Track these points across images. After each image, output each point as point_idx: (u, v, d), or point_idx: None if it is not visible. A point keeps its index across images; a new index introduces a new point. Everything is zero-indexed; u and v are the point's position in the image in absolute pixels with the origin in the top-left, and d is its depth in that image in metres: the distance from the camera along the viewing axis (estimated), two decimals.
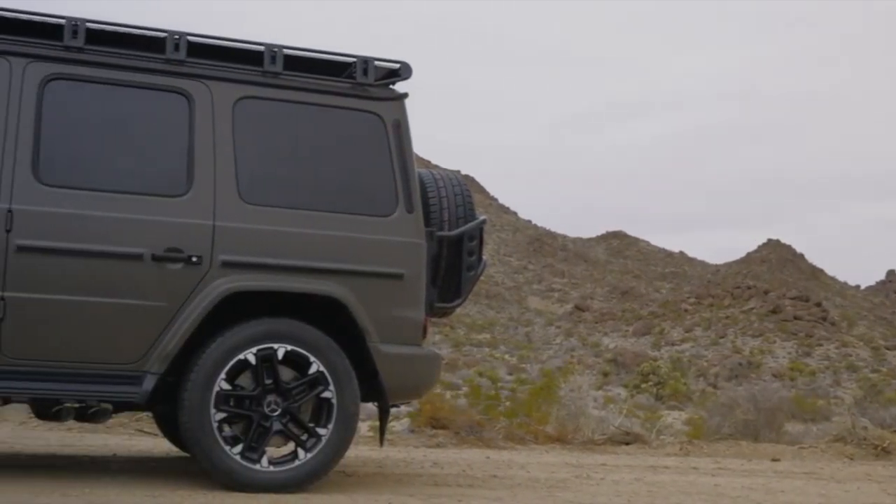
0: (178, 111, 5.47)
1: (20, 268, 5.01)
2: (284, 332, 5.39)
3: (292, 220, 5.50)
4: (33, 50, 5.27)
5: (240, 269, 5.36)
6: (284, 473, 5.35)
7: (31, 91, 5.20)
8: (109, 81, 5.41)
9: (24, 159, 5.11)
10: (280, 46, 5.65)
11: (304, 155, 5.69)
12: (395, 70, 5.87)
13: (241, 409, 5.34)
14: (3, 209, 5.01)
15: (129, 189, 5.29)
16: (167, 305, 5.23)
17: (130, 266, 5.20)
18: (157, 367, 5.19)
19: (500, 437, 10.20)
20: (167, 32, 5.48)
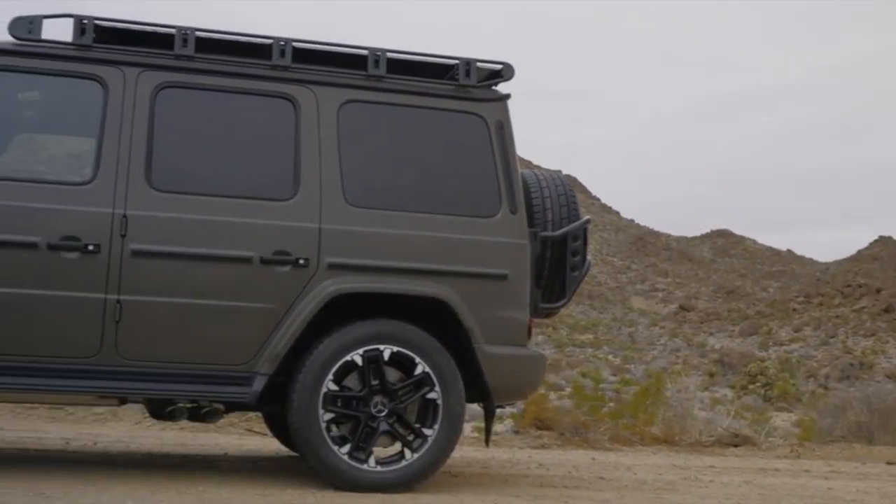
0: (284, 116, 5.57)
1: (135, 272, 5.16)
2: (390, 334, 5.44)
3: (397, 222, 5.55)
4: (145, 59, 5.42)
5: (346, 271, 5.42)
6: (392, 473, 5.40)
7: (143, 99, 5.35)
8: (218, 88, 5.53)
9: (137, 166, 5.26)
10: (383, 50, 5.70)
11: (407, 157, 5.73)
12: (497, 71, 5.88)
13: (348, 409, 5.41)
14: (118, 215, 5.17)
15: (238, 193, 5.40)
16: (276, 307, 5.32)
17: (240, 269, 5.30)
18: (267, 367, 5.29)
19: (605, 438, 10.13)
20: (273, 39, 5.58)
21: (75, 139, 6.90)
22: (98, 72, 5.34)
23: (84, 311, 5.11)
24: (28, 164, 6.68)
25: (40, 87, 5.63)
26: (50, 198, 5.17)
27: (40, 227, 5.09)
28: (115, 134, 5.28)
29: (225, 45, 5.64)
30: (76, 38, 5.36)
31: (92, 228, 5.14)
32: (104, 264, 5.13)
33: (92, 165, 5.28)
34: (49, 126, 6.52)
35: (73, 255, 5.11)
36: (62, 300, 5.10)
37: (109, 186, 5.20)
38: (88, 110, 5.41)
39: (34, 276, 5.07)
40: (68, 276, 5.10)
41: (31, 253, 5.07)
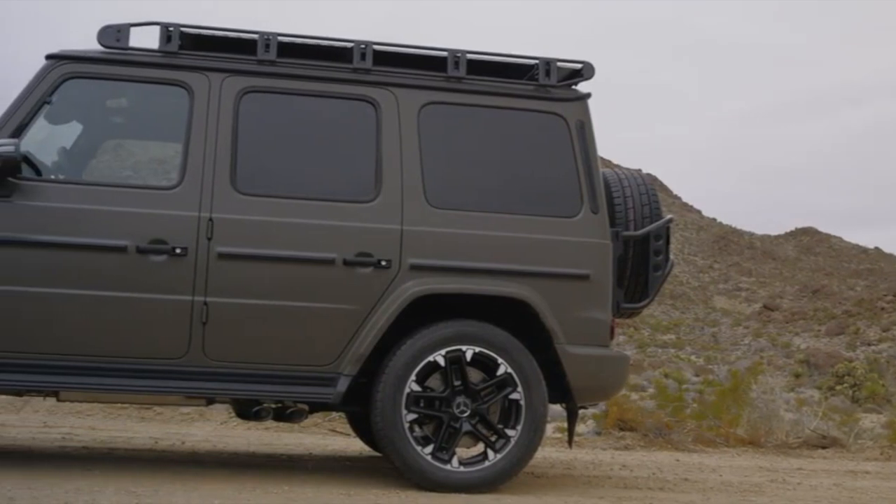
0: (365, 119, 5.61)
1: (221, 274, 5.24)
2: (472, 335, 5.44)
3: (478, 222, 5.55)
4: (229, 65, 5.51)
5: (427, 272, 5.45)
6: (475, 474, 5.41)
7: (228, 104, 5.43)
8: (300, 92, 5.60)
9: (222, 170, 5.35)
10: (463, 51, 5.72)
11: (488, 158, 5.73)
12: (577, 70, 5.85)
13: (431, 410, 5.43)
14: (204, 218, 5.26)
15: (321, 196, 5.46)
16: (358, 308, 5.36)
17: (323, 271, 5.36)
18: (350, 368, 5.33)
19: (689, 439, 10.01)
20: (354, 42, 5.62)
21: (161, 144, 7.03)
22: (184, 78, 5.44)
23: (172, 313, 5.21)
24: (116, 169, 6.82)
25: (128, 94, 5.77)
26: (138, 202, 5.28)
27: (129, 230, 5.20)
28: (201, 139, 5.37)
29: (306, 49, 5.70)
30: (162, 46, 5.46)
31: (179, 232, 5.23)
32: (191, 267, 5.22)
33: (178, 170, 5.37)
34: (136, 132, 6.69)
35: (160, 259, 5.21)
36: (151, 302, 5.20)
37: (195, 190, 5.29)
38: (174, 116, 5.52)
39: (124, 279, 5.18)
40: (156, 279, 5.21)
41: (121, 256, 5.18)
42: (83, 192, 5.32)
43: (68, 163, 5.91)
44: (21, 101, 5.27)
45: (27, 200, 5.18)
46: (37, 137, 5.46)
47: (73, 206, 5.22)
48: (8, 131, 5.20)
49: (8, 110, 5.26)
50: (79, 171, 5.96)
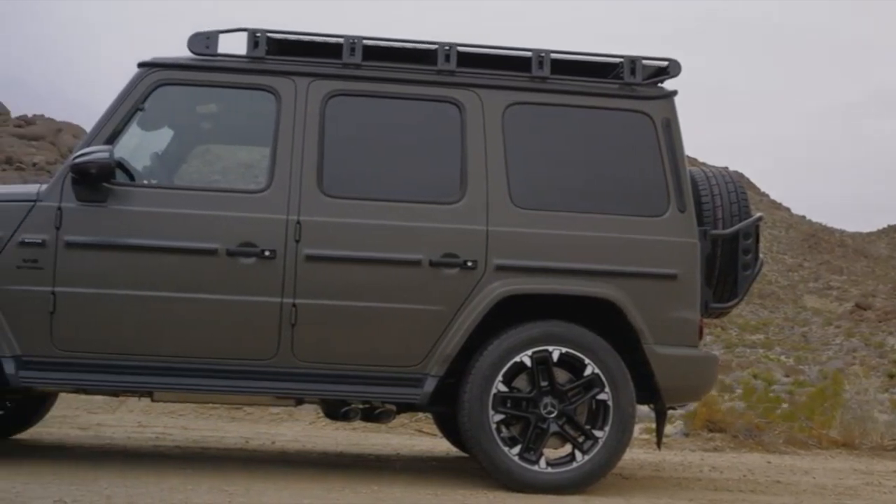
0: (450, 120, 5.62)
1: (309, 276, 5.31)
2: (559, 335, 5.43)
3: (564, 223, 5.53)
4: (315, 69, 5.57)
5: (513, 272, 5.44)
6: (562, 475, 5.39)
7: (314, 108, 5.50)
8: (385, 95, 5.64)
9: (309, 173, 5.41)
10: (547, 51, 5.70)
11: (573, 158, 5.70)
12: (663, 68, 5.80)
13: (518, 410, 5.42)
14: (292, 221, 5.33)
15: (407, 198, 5.49)
16: (445, 309, 5.38)
17: (409, 272, 5.39)
18: (437, 369, 5.35)
19: (780, 440, 9.83)
20: (438, 44, 5.64)
21: (248, 149, 7.13)
22: (271, 83, 5.52)
23: (261, 315, 5.29)
24: (205, 173, 6.95)
25: (217, 100, 5.87)
26: (227, 206, 5.37)
27: (219, 234, 5.30)
28: (288, 142, 5.44)
29: (390, 51, 5.74)
30: (250, 51, 5.55)
31: (268, 234, 5.31)
32: (280, 269, 5.29)
33: (266, 173, 5.45)
34: (225, 137, 6.80)
35: (250, 261, 5.29)
36: (240, 304, 5.29)
37: (283, 193, 5.37)
38: (262, 120, 5.60)
39: (214, 282, 5.28)
40: (246, 281, 5.29)
41: (212, 259, 5.28)
42: (175, 196, 5.44)
43: (160, 168, 6.03)
44: (114, 109, 5.40)
45: (121, 205, 5.31)
46: (129, 144, 5.59)
47: (164, 210, 5.33)
48: (102, 138, 5.33)
49: (102, 118, 5.40)
50: (170, 175, 6.08)
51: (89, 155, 5.18)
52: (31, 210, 5.26)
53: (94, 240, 5.25)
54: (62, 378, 5.25)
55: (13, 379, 5.16)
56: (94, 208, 5.28)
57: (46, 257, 5.21)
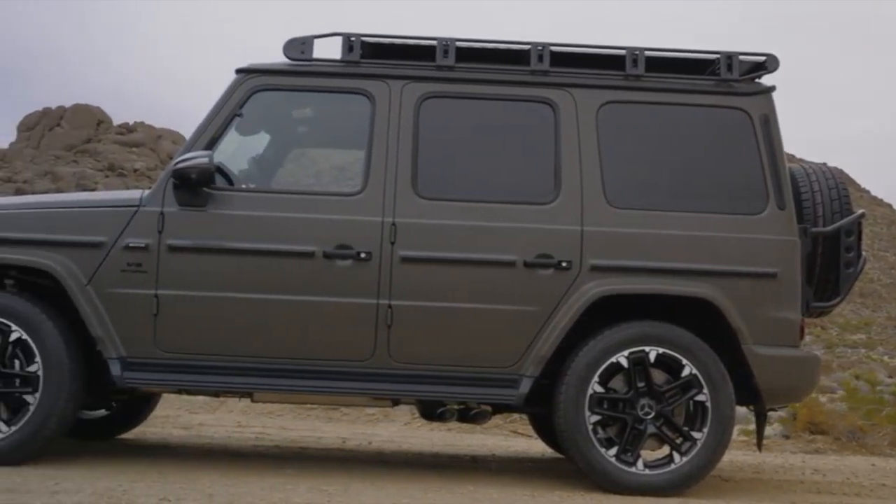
0: (543, 120, 5.61)
1: (404, 277, 5.34)
2: (655, 335, 5.37)
3: (659, 222, 5.47)
4: (408, 72, 5.61)
5: (609, 272, 5.41)
6: (660, 477, 5.33)
7: (408, 110, 5.53)
8: (478, 96, 5.65)
9: (404, 175, 5.45)
10: (641, 49, 5.65)
11: (669, 156, 5.64)
12: (760, 63, 5.70)
13: (614, 411, 5.38)
14: (387, 223, 5.37)
15: (500, 199, 5.49)
16: (539, 310, 5.37)
17: (504, 273, 5.39)
18: (532, 370, 5.34)
19: (885, 443, 9.60)
20: (531, 44, 5.63)
21: (341, 152, 7.20)
22: (365, 86, 5.57)
23: (358, 317, 5.34)
24: (300, 177, 7.04)
25: (312, 104, 5.95)
26: (323, 209, 5.44)
27: (316, 236, 5.37)
28: (383, 145, 5.49)
29: (483, 53, 5.75)
30: (344, 56, 5.61)
31: (363, 237, 5.36)
32: (375, 271, 5.34)
33: (361, 176, 5.50)
34: (320, 140, 6.89)
35: (346, 263, 5.35)
36: (337, 306, 5.34)
37: (378, 196, 5.41)
38: (357, 124, 5.65)
39: (311, 284, 5.34)
40: (342, 283, 5.35)
41: (309, 261, 5.35)
42: (272, 200, 5.52)
43: (257, 172, 6.14)
44: (213, 115, 5.50)
45: (220, 209, 5.41)
46: (228, 149, 5.69)
47: (262, 213, 5.42)
48: (202, 144, 5.45)
49: (201, 124, 5.51)
50: (267, 180, 6.19)
51: (190, 160, 5.29)
52: (134, 215, 5.39)
53: (195, 243, 5.36)
54: (165, 379, 5.37)
55: (119, 380, 5.29)
56: (195, 212, 5.39)
57: (149, 261, 5.34)
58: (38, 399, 5.22)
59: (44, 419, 5.22)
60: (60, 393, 5.24)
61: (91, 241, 5.36)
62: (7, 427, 5.23)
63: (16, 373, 5.27)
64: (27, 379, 5.26)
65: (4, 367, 5.27)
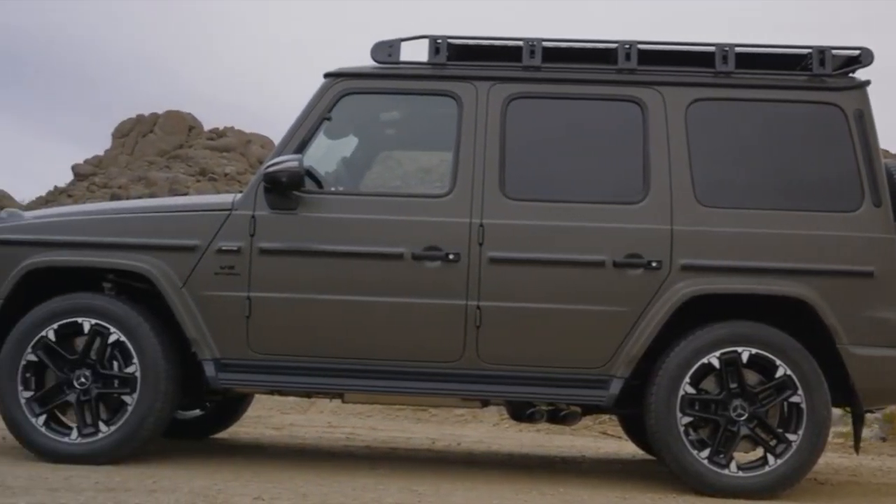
0: (631, 119, 5.56)
1: (493, 278, 5.35)
2: (748, 336, 5.29)
3: (751, 220, 5.38)
4: (495, 73, 5.61)
5: (699, 272, 5.34)
6: (754, 479, 5.25)
7: (495, 112, 5.53)
8: (565, 96, 5.63)
9: (491, 176, 5.45)
10: (731, 45, 5.57)
11: (760, 153, 5.55)
12: (854, 57, 5.57)
13: (706, 413, 5.31)
14: (475, 224, 5.38)
15: (589, 199, 5.46)
16: (629, 310, 5.33)
17: (593, 273, 5.36)
18: (623, 371, 5.30)
19: None
20: (618, 43, 5.59)
21: (427, 154, 7.23)
22: (452, 88, 5.59)
23: (446, 318, 5.36)
24: (387, 179, 7.10)
25: (400, 107, 5.99)
26: (412, 210, 5.47)
27: (405, 238, 5.40)
28: (470, 147, 5.50)
29: (570, 52, 5.72)
30: (431, 58, 5.63)
31: (452, 238, 5.38)
32: (464, 272, 5.35)
33: (449, 178, 5.52)
34: (408, 143, 6.95)
35: (435, 265, 5.37)
36: (426, 307, 5.37)
37: (466, 197, 5.42)
38: (444, 125, 5.67)
39: (401, 285, 5.38)
40: (431, 285, 5.37)
41: (398, 263, 5.38)
42: (361, 202, 5.57)
43: (346, 175, 6.20)
44: (302, 119, 5.57)
45: (310, 212, 5.48)
46: (317, 152, 5.76)
47: (351, 216, 5.47)
48: (292, 147, 5.52)
49: (291, 128, 5.58)
50: (356, 182, 6.25)
51: (280, 164, 5.37)
52: (227, 219, 5.49)
53: (286, 246, 5.44)
54: (258, 380, 5.46)
55: (213, 381, 5.39)
56: (286, 215, 5.47)
57: (242, 264, 5.43)
58: (136, 399, 5.35)
59: (141, 419, 5.34)
60: (157, 393, 5.36)
61: (185, 245, 5.47)
62: (107, 427, 5.36)
63: (114, 374, 5.40)
64: (125, 380, 5.39)
65: (103, 368, 5.41)
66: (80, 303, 5.45)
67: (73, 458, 5.31)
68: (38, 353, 5.41)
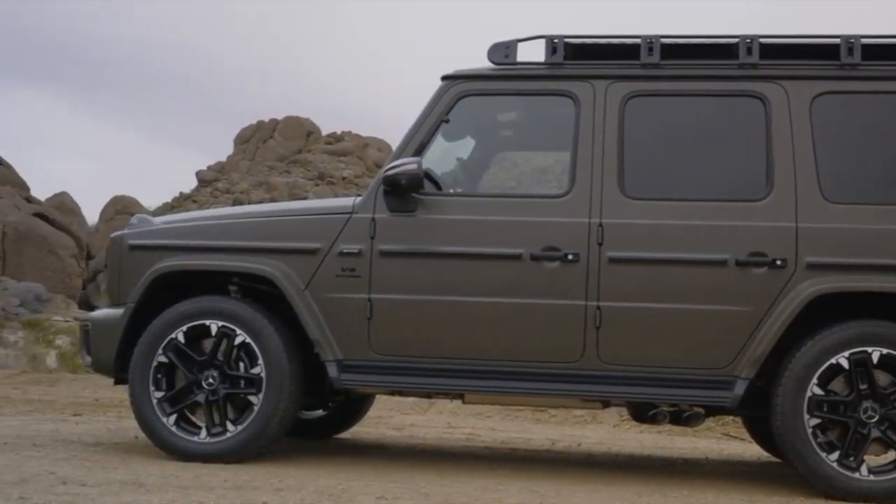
0: (753, 115, 5.45)
1: (612, 279, 5.30)
2: (879, 335, 5.13)
3: (879, 216, 5.21)
4: (613, 71, 5.57)
5: (826, 270, 5.20)
6: (886, 483, 5.08)
7: (613, 110, 5.49)
8: (684, 93, 5.55)
9: (610, 176, 5.41)
10: (857, 36, 5.41)
11: (888, 147, 5.37)
12: None
13: (835, 414, 5.17)
14: (594, 224, 5.35)
15: (710, 196, 5.38)
16: (753, 310, 5.22)
17: (715, 272, 5.27)
18: (747, 371, 5.20)
19: None
20: (739, 37, 5.49)
21: (542, 154, 7.20)
22: (569, 87, 5.56)
23: (566, 318, 5.33)
24: (502, 180, 7.10)
25: (517, 108, 5.99)
26: (530, 211, 5.47)
27: (523, 239, 5.40)
28: (588, 146, 5.46)
29: (688, 48, 5.64)
30: (548, 58, 5.62)
31: (570, 238, 5.35)
32: (583, 272, 5.32)
33: (567, 178, 5.50)
34: (524, 144, 6.94)
35: (553, 265, 5.35)
36: (546, 308, 5.36)
37: (585, 197, 5.39)
38: (561, 125, 5.65)
39: (520, 286, 5.38)
40: (550, 285, 5.35)
41: (516, 264, 5.38)
42: (479, 203, 5.59)
43: (463, 176, 6.23)
44: (421, 122, 5.62)
45: (429, 214, 5.52)
46: (435, 154, 5.80)
47: (470, 217, 5.50)
48: (410, 150, 5.57)
49: (410, 131, 5.64)
50: (473, 183, 6.27)
51: (399, 167, 5.42)
52: (347, 222, 5.57)
53: (406, 248, 5.49)
54: (380, 381, 5.52)
55: (336, 381, 5.48)
56: (405, 218, 5.52)
57: (363, 266, 5.50)
58: (262, 399, 5.46)
59: (267, 419, 5.46)
60: (281, 394, 5.47)
61: (308, 248, 5.57)
62: (234, 426, 5.49)
63: (241, 375, 5.53)
64: (251, 380, 5.51)
65: (230, 369, 5.55)
66: (207, 305, 5.60)
67: (202, 457, 5.46)
68: (169, 355, 5.57)
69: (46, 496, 4.27)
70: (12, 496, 4.25)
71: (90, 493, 4.41)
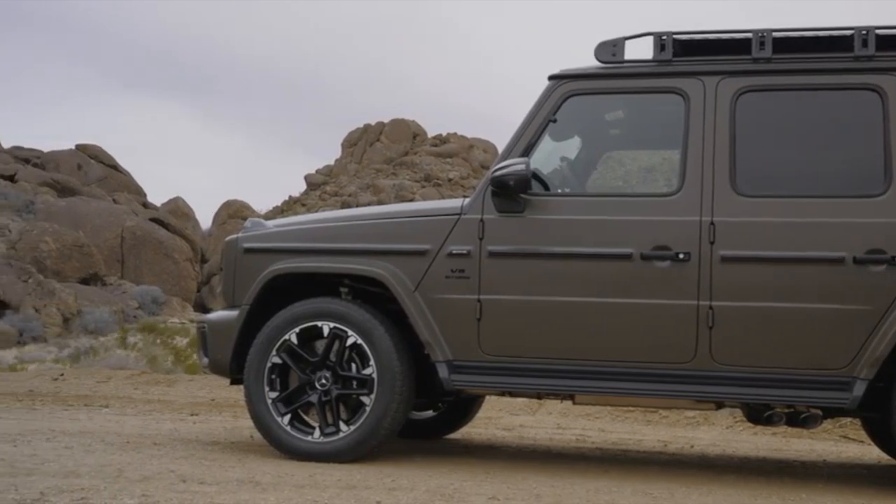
0: (869, 108, 5.30)
1: (725, 278, 5.22)
2: None
3: None
4: (723, 67, 5.47)
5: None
6: None
7: (724, 107, 5.40)
8: (796, 87, 5.43)
9: (721, 173, 5.32)
10: None
11: None
12: None
13: None
14: (706, 222, 5.27)
15: (825, 193, 5.25)
16: (872, 308, 5.08)
17: (831, 271, 5.14)
18: (867, 372, 5.06)
19: None
20: (854, 29, 5.36)
21: (648, 153, 7.12)
22: (678, 84, 5.49)
23: (678, 318, 5.27)
24: (609, 179, 7.05)
25: (624, 106, 5.94)
26: (639, 210, 5.41)
27: (633, 238, 5.35)
28: (699, 144, 5.39)
29: (800, 42, 5.52)
30: (656, 55, 5.56)
31: (681, 237, 5.29)
32: (695, 272, 5.25)
33: (677, 176, 5.43)
34: (632, 142, 6.87)
35: (664, 265, 5.29)
36: (656, 308, 5.30)
37: (696, 195, 5.32)
38: (670, 123, 5.59)
39: (630, 286, 5.33)
40: (661, 285, 5.29)
41: (626, 264, 5.34)
42: (587, 203, 5.56)
43: (571, 176, 6.20)
44: (528, 122, 5.61)
45: (537, 214, 5.51)
46: (542, 154, 5.78)
47: (579, 217, 5.47)
48: (518, 151, 5.57)
49: (517, 131, 5.63)
50: (581, 183, 6.23)
51: (507, 168, 5.42)
52: (456, 223, 5.59)
53: (514, 249, 5.49)
54: (490, 381, 5.53)
55: (446, 382, 5.51)
56: (513, 218, 5.52)
57: (472, 267, 5.52)
58: (374, 400, 5.53)
59: (379, 419, 5.52)
60: (393, 394, 5.52)
61: (417, 250, 5.61)
62: (347, 426, 5.57)
63: (353, 375, 5.61)
64: (363, 381, 5.58)
65: (342, 369, 5.62)
66: (319, 307, 5.68)
67: (316, 456, 5.55)
68: (282, 356, 5.68)
69: (168, 494, 4.40)
70: (136, 493, 4.38)
71: (208, 490, 4.53)
